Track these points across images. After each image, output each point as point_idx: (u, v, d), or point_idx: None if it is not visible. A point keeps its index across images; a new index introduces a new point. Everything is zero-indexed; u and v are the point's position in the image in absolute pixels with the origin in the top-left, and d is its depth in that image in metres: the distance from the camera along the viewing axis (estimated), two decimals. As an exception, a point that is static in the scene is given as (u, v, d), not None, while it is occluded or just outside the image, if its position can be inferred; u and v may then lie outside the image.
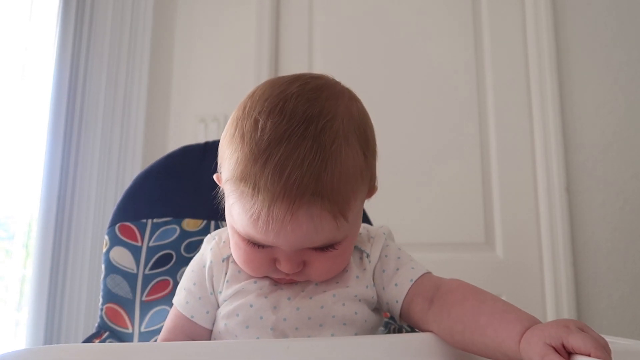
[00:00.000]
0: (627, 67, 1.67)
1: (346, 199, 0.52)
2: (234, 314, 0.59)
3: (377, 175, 0.63)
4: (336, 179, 0.50)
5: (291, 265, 0.55)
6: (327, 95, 0.54)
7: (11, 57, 1.54)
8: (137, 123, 1.75)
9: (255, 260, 0.56)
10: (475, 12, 1.79)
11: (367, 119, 0.60)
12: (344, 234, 0.55)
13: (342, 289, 0.59)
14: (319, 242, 0.54)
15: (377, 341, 0.50)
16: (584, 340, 0.38)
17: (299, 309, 0.57)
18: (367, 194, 0.60)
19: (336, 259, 0.56)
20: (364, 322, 0.59)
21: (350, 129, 0.54)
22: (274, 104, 0.52)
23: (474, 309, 0.50)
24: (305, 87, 0.54)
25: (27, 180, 1.53)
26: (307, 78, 0.57)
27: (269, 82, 0.57)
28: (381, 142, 1.71)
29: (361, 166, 0.55)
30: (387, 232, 0.66)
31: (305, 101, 0.52)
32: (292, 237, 0.51)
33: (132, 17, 1.79)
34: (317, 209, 0.50)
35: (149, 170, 0.92)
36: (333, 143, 0.51)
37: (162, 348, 0.48)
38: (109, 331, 0.83)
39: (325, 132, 0.51)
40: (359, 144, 0.55)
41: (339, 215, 0.51)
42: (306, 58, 1.81)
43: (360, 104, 0.60)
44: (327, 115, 0.52)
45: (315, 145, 0.50)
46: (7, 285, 1.48)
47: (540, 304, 1.58)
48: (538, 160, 1.66)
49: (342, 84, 0.61)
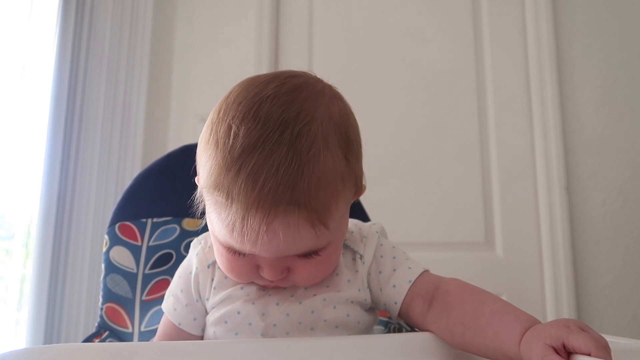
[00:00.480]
0: (627, 67, 1.67)
1: (325, 206, 0.49)
2: (222, 322, 0.58)
3: (364, 173, 0.59)
4: (314, 186, 0.48)
5: (274, 273, 0.53)
6: (305, 95, 0.52)
7: (11, 56, 1.54)
8: (137, 122, 1.75)
9: (238, 267, 0.55)
10: (475, 11, 1.79)
11: (350, 118, 0.56)
12: (327, 240, 0.53)
13: (333, 293, 0.58)
14: (300, 251, 0.52)
15: (376, 341, 0.50)
16: (584, 339, 0.38)
17: (289, 315, 0.56)
18: (354, 195, 0.58)
19: (320, 265, 0.55)
20: (356, 323, 0.58)
21: (330, 131, 0.51)
22: (248, 107, 0.50)
23: (473, 310, 0.49)
24: (281, 88, 0.51)
25: (27, 179, 1.53)
26: (285, 77, 0.54)
27: (246, 83, 0.54)
28: (381, 142, 1.73)
29: (342, 170, 0.52)
30: (379, 229, 0.65)
31: (281, 104, 0.50)
32: (270, 247, 0.49)
33: (132, 16, 1.79)
34: (294, 219, 0.48)
35: (148, 170, 0.92)
36: (310, 148, 0.48)
37: (162, 347, 0.48)
38: (109, 330, 0.83)
39: (302, 137, 0.48)
40: (339, 147, 0.52)
41: (317, 223, 0.49)
42: (306, 57, 1.81)
43: (342, 103, 0.57)
44: (304, 118, 0.49)
45: (290, 151, 0.47)
46: (7, 284, 1.48)
47: (540, 303, 1.58)
48: (538, 160, 1.66)
49: (324, 80, 0.58)
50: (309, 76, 0.57)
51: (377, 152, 1.71)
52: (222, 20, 1.90)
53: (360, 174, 0.57)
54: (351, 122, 0.56)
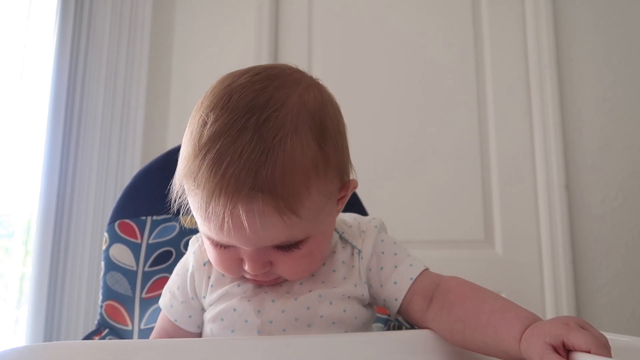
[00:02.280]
0: (627, 65, 1.67)
1: (293, 193, 0.47)
2: (219, 319, 0.58)
3: (353, 167, 0.58)
4: (279, 172, 0.46)
5: (255, 266, 0.53)
6: (278, 84, 0.51)
7: (10, 54, 1.54)
8: (137, 120, 1.75)
9: (222, 260, 0.55)
10: (475, 9, 1.79)
11: (327, 107, 0.54)
12: (304, 232, 0.51)
13: (329, 289, 0.57)
14: (274, 241, 0.51)
15: (376, 338, 0.50)
16: (584, 337, 0.38)
17: (285, 311, 0.56)
18: (341, 189, 0.56)
19: (303, 259, 0.53)
20: (354, 319, 0.58)
21: (301, 118, 0.49)
22: (219, 97, 0.50)
23: (474, 307, 0.49)
24: (254, 78, 0.51)
25: (27, 177, 1.53)
26: (262, 68, 0.53)
27: (224, 76, 0.54)
28: (381, 140, 1.73)
29: (314, 158, 0.49)
30: (379, 224, 0.64)
31: (251, 92, 0.49)
32: (237, 235, 0.49)
33: (131, 13, 1.78)
34: (259, 205, 0.46)
35: (148, 168, 0.91)
36: (277, 134, 0.47)
37: (161, 345, 0.48)
38: (108, 328, 0.83)
39: (269, 122, 0.47)
40: (312, 134, 0.50)
41: (285, 211, 0.47)
42: (306, 56, 1.81)
43: (321, 92, 0.55)
44: (274, 104, 0.48)
45: (255, 136, 0.46)
46: (7, 282, 1.48)
47: (539, 301, 1.58)
48: (537, 158, 1.66)
49: (306, 72, 0.57)
50: (286, 67, 0.56)
51: (376, 150, 1.71)
52: (221, 18, 1.89)
53: (343, 166, 0.55)
54: (328, 111, 0.54)
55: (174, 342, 0.49)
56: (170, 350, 0.45)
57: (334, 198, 0.55)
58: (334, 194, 0.55)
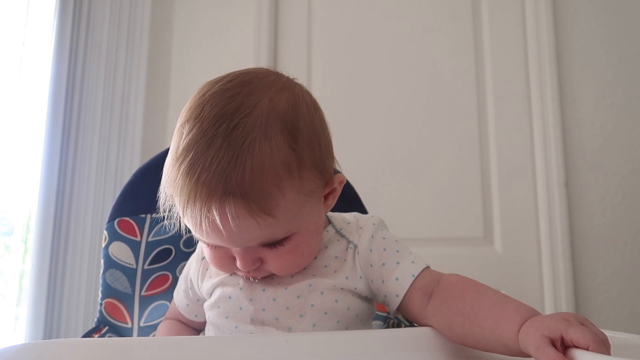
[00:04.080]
0: (627, 62, 1.67)
1: (265, 195, 0.50)
2: (216, 306, 0.61)
3: (337, 162, 0.60)
4: (248, 175, 0.49)
5: (245, 263, 0.56)
6: (249, 90, 0.53)
7: (8, 52, 1.53)
8: (136, 118, 1.75)
9: (216, 258, 0.58)
10: (475, 7, 1.78)
11: (301, 109, 0.55)
12: (285, 229, 0.54)
13: (318, 279, 0.59)
14: (254, 241, 0.53)
15: (375, 335, 0.50)
16: (583, 334, 0.38)
17: (275, 300, 0.58)
18: (325, 185, 0.58)
19: (290, 254, 0.56)
20: (346, 309, 0.59)
21: (271, 121, 0.51)
22: (193, 108, 0.53)
23: (473, 301, 0.50)
24: (226, 86, 0.53)
25: (26, 175, 1.53)
26: (234, 75, 0.56)
27: (202, 85, 0.56)
28: (380, 139, 1.74)
29: (285, 159, 0.51)
30: (377, 221, 0.65)
31: (222, 100, 0.52)
32: (216, 237, 0.52)
33: (130, 11, 1.78)
34: (231, 209, 0.49)
35: (147, 165, 0.91)
36: (246, 139, 0.49)
37: (160, 343, 0.48)
38: (108, 326, 0.83)
39: (238, 129, 0.49)
40: (282, 136, 0.52)
41: (257, 212, 0.50)
42: (305, 55, 1.81)
43: (293, 94, 0.56)
44: (243, 111, 0.51)
45: (225, 143, 0.49)
46: (7, 280, 1.48)
47: (539, 298, 1.59)
48: (537, 155, 1.66)
49: (284, 74, 0.58)
50: (262, 71, 0.57)
51: (376, 148, 1.71)
52: (220, 16, 1.89)
53: (322, 163, 0.56)
54: (301, 111, 0.55)
55: (173, 339, 0.50)
56: (169, 348, 0.45)
57: (315, 195, 0.57)
58: (315, 192, 0.56)
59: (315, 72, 1.77)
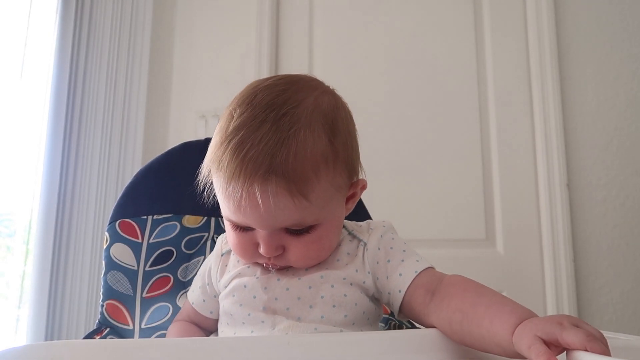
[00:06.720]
0: (629, 64, 1.67)
1: (303, 178, 0.54)
2: (231, 295, 0.63)
3: (362, 168, 0.64)
4: (292, 157, 0.53)
5: (269, 248, 0.58)
6: (297, 88, 0.58)
7: (11, 53, 1.54)
8: (137, 119, 1.75)
9: (240, 243, 0.61)
10: (477, 8, 1.78)
11: (339, 110, 0.61)
12: (314, 217, 0.57)
13: (330, 271, 0.61)
14: (285, 222, 0.56)
15: (377, 337, 0.50)
16: (577, 335, 0.38)
17: (289, 289, 0.60)
18: (350, 186, 0.62)
19: (313, 244, 0.59)
20: (354, 305, 0.60)
21: (315, 116, 0.56)
22: (245, 96, 0.58)
23: (473, 299, 0.50)
24: (277, 82, 0.59)
25: (28, 177, 1.53)
26: (284, 75, 0.61)
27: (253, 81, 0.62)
28: (382, 139, 1.73)
29: (324, 150, 0.56)
30: (387, 225, 0.67)
31: (273, 92, 0.57)
32: (252, 214, 0.55)
33: (132, 12, 1.78)
34: (273, 186, 0.53)
35: (149, 167, 0.91)
36: (292, 127, 0.54)
37: (162, 344, 0.48)
38: (109, 327, 0.83)
39: (287, 117, 0.54)
40: (323, 130, 0.57)
41: (296, 193, 0.53)
42: (306, 53, 1.81)
43: (335, 98, 0.62)
44: (291, 103, 0.56)
45: (273, 128, 0.53)
46: (8, 281, 1.48)
47: (540, 300, 1.58)
48: (539, 157, 1.66)
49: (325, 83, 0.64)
50: (307, 76, 0.63)
51: (378, 149, 1.71)
52: (222, 17, 1.89)
53: (352, 164, 0.61)
54: (340, 113, 0.61)
55: (174, 341, 0.50)
56: (171, 350, 0.45)
57: (342, 192, 0.61)
58: (342, 188, 0.60)
59: (316, 72, 1.76)
